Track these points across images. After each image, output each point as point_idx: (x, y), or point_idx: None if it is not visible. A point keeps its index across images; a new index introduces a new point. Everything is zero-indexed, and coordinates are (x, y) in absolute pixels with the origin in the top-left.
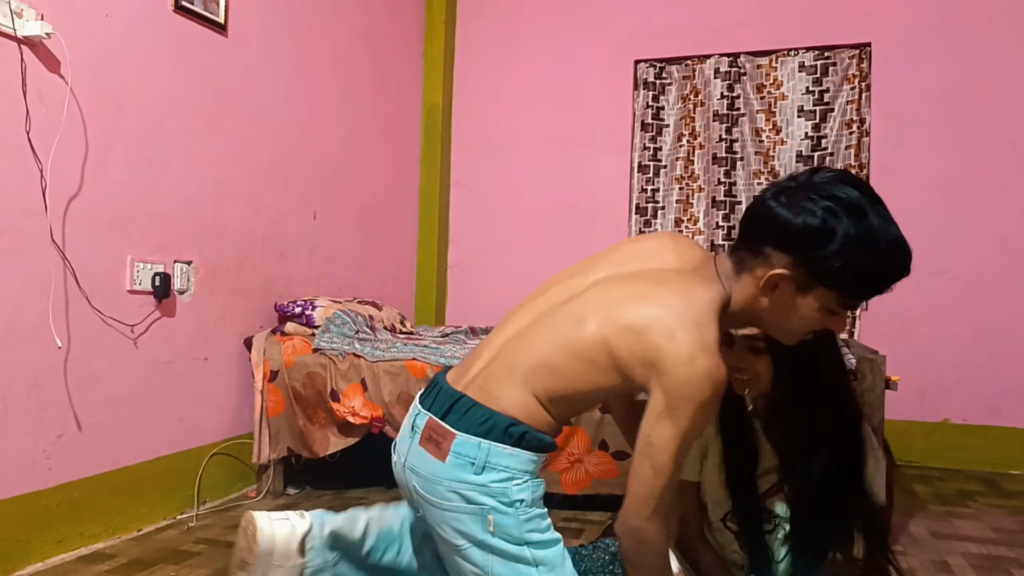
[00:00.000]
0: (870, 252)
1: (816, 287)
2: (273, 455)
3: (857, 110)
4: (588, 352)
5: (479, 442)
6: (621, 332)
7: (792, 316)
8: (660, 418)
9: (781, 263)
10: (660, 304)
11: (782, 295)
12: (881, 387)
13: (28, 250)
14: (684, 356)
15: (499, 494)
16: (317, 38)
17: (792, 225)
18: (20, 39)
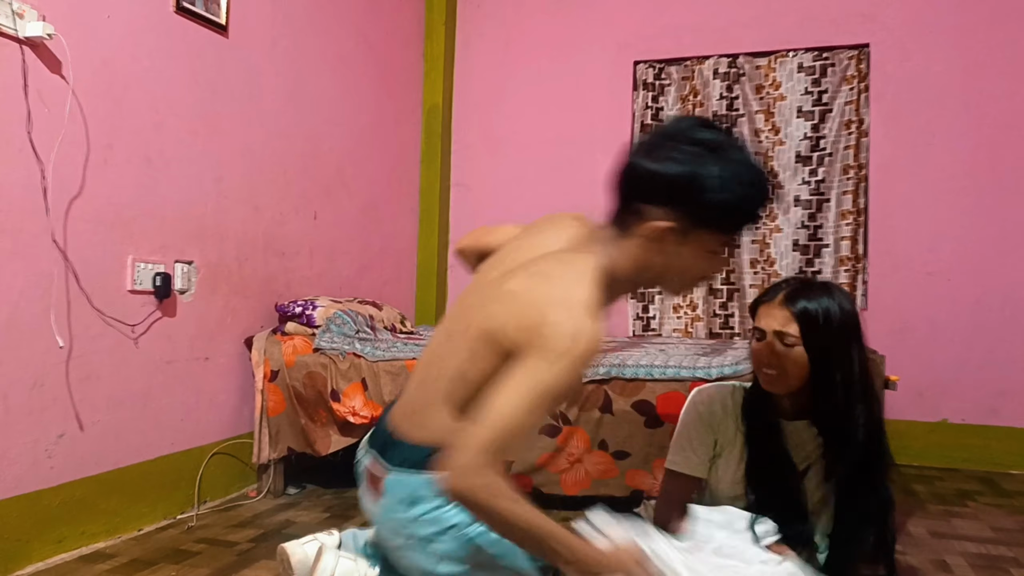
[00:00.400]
0: (738, 188)
1: (696, 232)
2: (273, 455)
3: (856, 111)
4: (486, 350)
5: (406, 477)
6: (505, 320)
7: (681, 265)
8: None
9: (658, 216)
10: (540, 286)
11: (667, 247)
12: (880, 387)
13: (29, 250)
14: (565, 329)
15: (432, 523)
16: (317, 39)
17: (661, 176)
18: (22, 40)
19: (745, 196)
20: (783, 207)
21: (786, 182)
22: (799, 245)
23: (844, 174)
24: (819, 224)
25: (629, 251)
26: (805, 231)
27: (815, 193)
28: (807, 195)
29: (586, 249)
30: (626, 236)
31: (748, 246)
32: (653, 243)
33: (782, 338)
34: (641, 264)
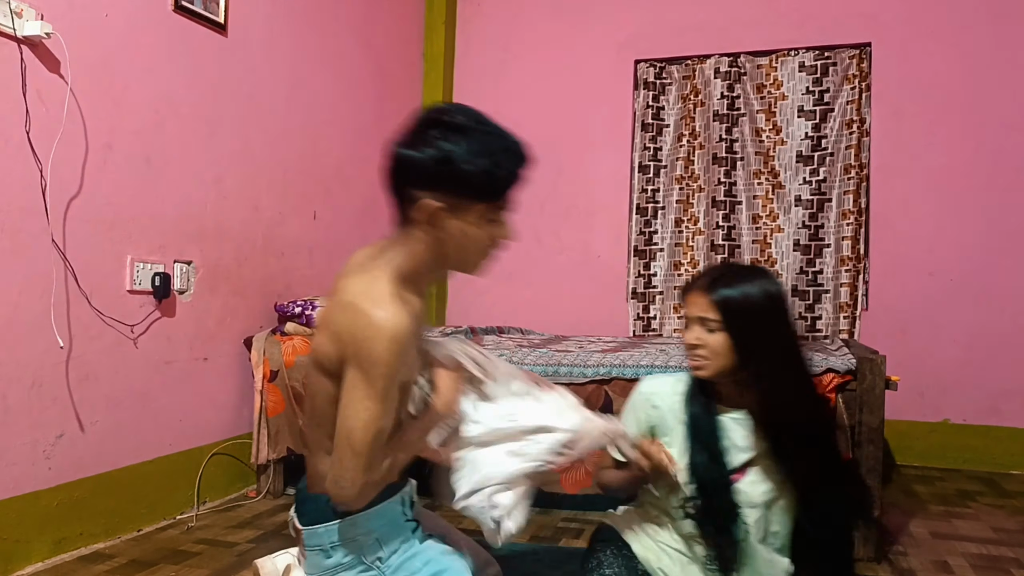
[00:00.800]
0: (489, 156)
1: (465, 205)
2: (273, 455)
3: (857, 110)
4: (322, 379)
5: (316, 529)
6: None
7: (464, 241)
8: (354, 389)
9: (428, 198)
10: (346, 312)
11: (445, 225)
12: (881, 387)
13: (28, 250)
14: (375, 340)
15: (355, 564)
16: (317, 38)
17: (420, 161)
18: (20, 39)
19: (497, 162)
20: (784, 207)
21: (787, 182)
22: (800, 245)
23: (845, 174)
24: (820, 224)
25: (416, 241)
26: (806, 231)
27: (816, 193)
28: (808, 195)
29: (375, 265)
30: (409, 230)
31: (749, 246)
32: (432, 226)
33: (704, 323)
34: (431, 249)
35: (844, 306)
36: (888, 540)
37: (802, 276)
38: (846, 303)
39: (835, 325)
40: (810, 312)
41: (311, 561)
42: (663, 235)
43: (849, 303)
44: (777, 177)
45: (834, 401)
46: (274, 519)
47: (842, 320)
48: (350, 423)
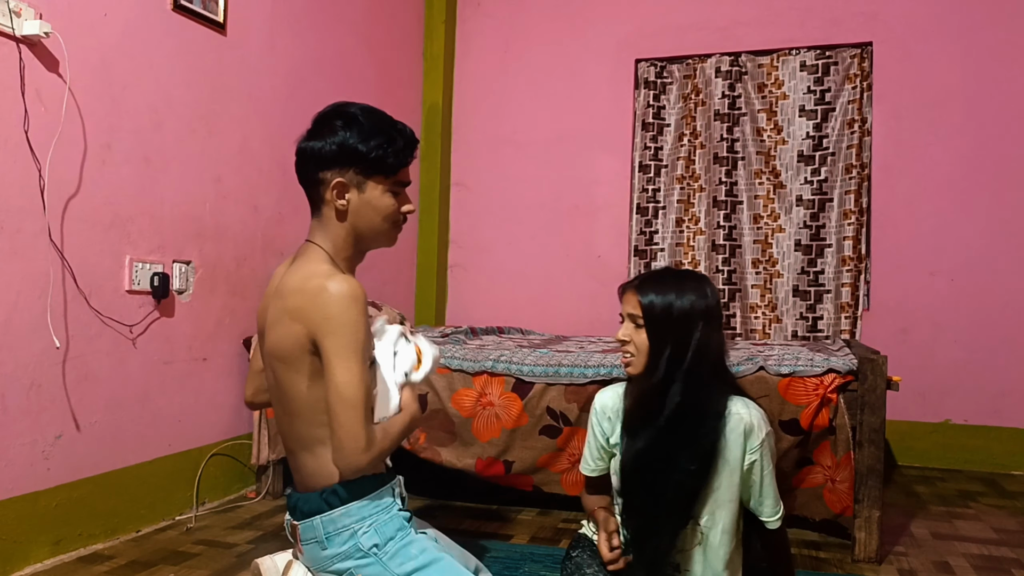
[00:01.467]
0: (379, 135)
1: (366, 180)
2: (272, 456)
3: (858, 109)
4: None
5: (312, 521)
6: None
7: (371, 211)
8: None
9: (334, 177)
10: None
11: (352, 200)
12: (882, 387)
13: (27, 250)
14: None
15: (352, 553)
16: (316, 37)
17: (323, 148)
18: (19, 38)
19: (386, 139)
20: (785, 207)
21: (788, 182)
22: (801, 245)
23: (847, 173)
24: (821, 224)
25: (330, 223)
26: (807, 231)
27: (817, 193)
28: (809, 195)
29: (305, 259)
30: (324, 212)
31: (750, 246)
32: (340, 202)
33: (634, 320)
34: (346, 231)
35: (845, 306)
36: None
37: (803, 276)
38: (847, 303)
39: (836, 325)
40: (811, 312)
41: (309, 555)
42: (664, 235)
43: (850, 303)
44: (778, 177)
45: (835, 401)
46: (273, 520)
47: (843, 320)
48: (340, 385)
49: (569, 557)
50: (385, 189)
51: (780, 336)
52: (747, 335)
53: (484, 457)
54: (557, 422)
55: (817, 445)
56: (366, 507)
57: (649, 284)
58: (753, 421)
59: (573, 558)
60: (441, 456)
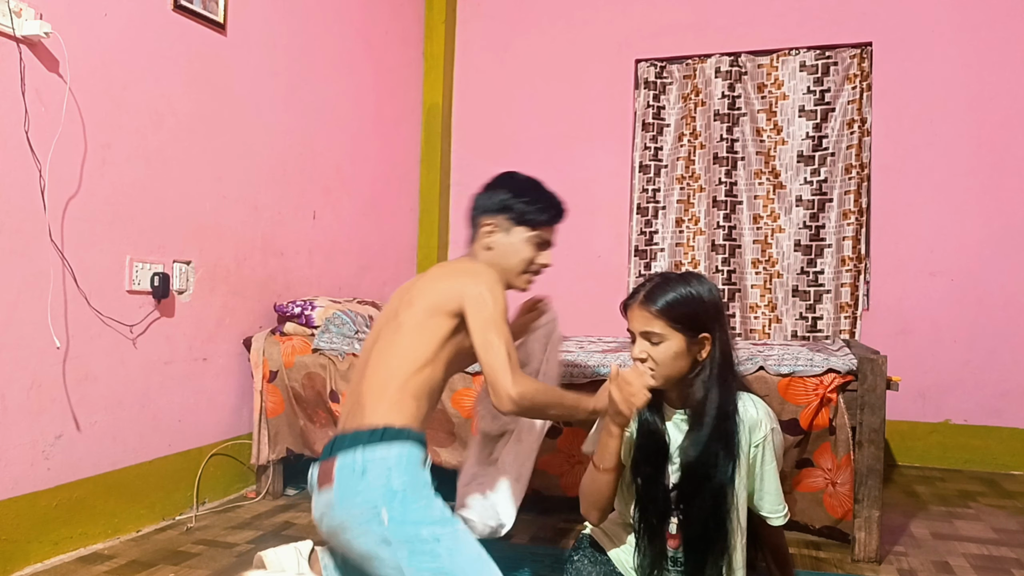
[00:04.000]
0: (533, 197)
1: (514, 227)
2: (272, 456)
3: (858, 110)
4: (436, 320)
5: (353, 454)
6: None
7: (511, 254)
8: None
9: (488, 221)
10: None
11: (497, 240)
12: (882, 387)
13: (27, 250)
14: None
15: (381, 486)
16: (317, 37)
17: (488, 198)
18: (19, 38)
19: (541, 200)
20: (785, 207)
21: (788, 182)
22: (801, 245)
23: (846, 173)
24: (821, 224)
25: (477, 253)
26: (807, 231)
27: (817, 193)
28: (809, 195)
29: (470, 259)
30: (474, 245)
31: (750, 246)
32: (489, 239)
33: (649, 337)
34: (484, 257)
35: (845, 306)
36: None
37: (803, 276)
38: (847, 303)
39: (836, 325)
40: (811, 312)
41: (341, 487)
42: (664, 235)
43: (850, 303)
44: (778, 177)
45: (835, 401)
46: (273, 520)
47: (843, 320)
48: (492, 337)
49: (571, 561)
50: (529, 238)
51: (780, 336)
52: (747, 335)
53: None
54: (557, 423)
55: (817, 446)
56: (405, 454)
57: (657, 291)
58: (758, 416)
59: (575, 562)
60: (441, 457)
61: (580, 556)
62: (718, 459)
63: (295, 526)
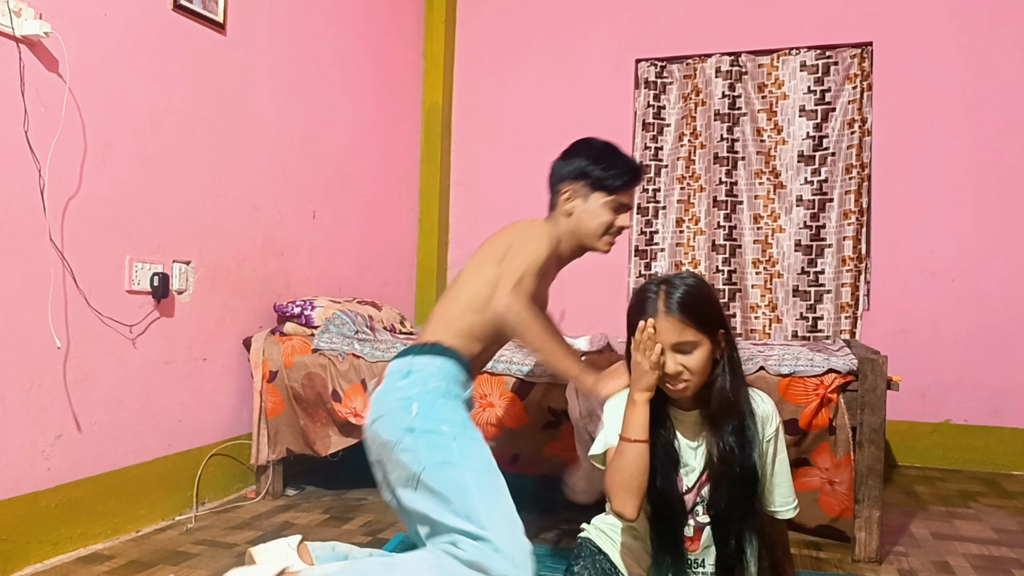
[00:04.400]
0: (610, 162)
1: (592, 193)
2: (272, 456)
3: (859, 109)
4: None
5: (403, 360)
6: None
7: (589, 218)
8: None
9: (567, 186)
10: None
11: (576, 206)
12: (883, 387)
13: (26, 250)
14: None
15: (419, 385)
16: (317, 37)
17: (566, 165)
18: (18, 38)
19: (617, 165)
20: (785, 207)
21: (788, 182)
22: (801, 245)
23: (847, 173)
24: (822, 224)
25: (558, 219)
26: (807, 231)
27: (817, 193)
28: (809, 195)
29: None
30: (555, 211)
31: (750, 246)
32: (568, 205)
33: (682, 348)
34: (565, 224)
35: (845, 306)
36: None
37: (803, 276)
38: (847, 303)
39: (836, 325)
40: (811, 312)
41: (387, 384)
42: (664, 235)
43: (850, 303)
44: (778, 177)
45: (836, 401)
46: (273, 520)
47: (843, 320)
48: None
49: (571, 572)
50: (606, 202)
51: (780, 336)
52: (747, 335)
53: None
54: (559, 422)
55: (816, 446)
56: (447, 367)
57: (679, 297)
58: (768, 409)
59: (575, 573)
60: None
61: (581, 566)
62: (743, 453)
63: (295, 526)
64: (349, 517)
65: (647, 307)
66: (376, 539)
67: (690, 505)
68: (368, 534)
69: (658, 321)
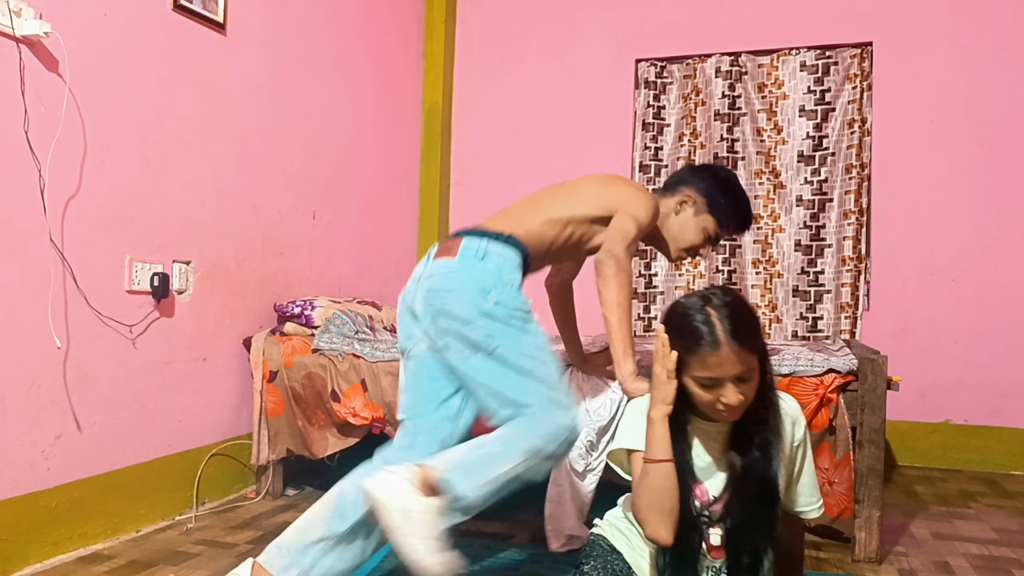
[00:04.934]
0: (737, 206)
1: (704, 214)
2: (272, 456)
3: (859, 109)
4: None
5: (480, 240)
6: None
7: (685, 229)
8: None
9: (691, 194)
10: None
11: (686, 215)
12: (883, 388)
13: (27, 250)
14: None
15: (495, 274)
16: (317, 37)
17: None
18: (19, 38)
19: (740, 212)
20: (785, 207)
21: (788, 182)
22: (801, 245)
23: (847, 173)
24: (821, 224)
25: (664, 206)
26: (807, 231)
27: (817, 193)
28: (809, 195)
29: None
30: (666, 199)
31: (750, 246)
32: (681, 207)
33: (742, 377)
34: (665, 215)
35: (845, 306)
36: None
37: (803, 276)
38: (847, 303)
39: (836, 325)
40: (811, 312)
41: (462, 261)
42: None
43: (850, 303)
44: (778, 177)
45: (835, 401)
46: (273, 520)
47: (843, 320)
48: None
49: (580, 571)
50: (708, 228)
51: (780, 336)
52: None
53: None
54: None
55: (816, 446)
56: (518, 259)
57: (740, 325)
58: (795, 410)
59: (585, 573)
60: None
61: (591, 566)
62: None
63: None
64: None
65: (703, 340)
66: None
67: (718, 515)
68: None
69: (719, 354)
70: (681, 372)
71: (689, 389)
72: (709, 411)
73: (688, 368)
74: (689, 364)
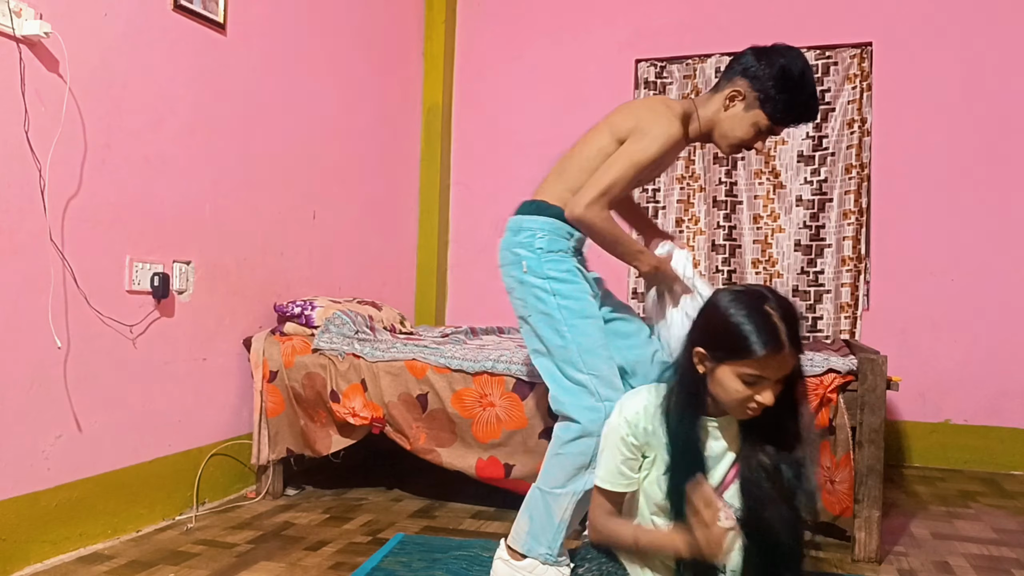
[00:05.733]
0: (796, 96)
1: (756, 108)
2: (272, 456)
3: (858, 110)
4: (607, 139)
5: (517, 217)
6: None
7: (736, 124)
8: (621, 154)
9: (742, 84)
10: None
11: (733, 107)
12: (882, 387)
13: (27, 250)
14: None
15: (527, 245)
16: (317, 37)
17: (760, 66)
18: (19, 38)
19: (795, 103)
20: (785, 207)
21: (788, 182)
22: (801, 245)
23: (847, 173)
24: (821, 224)
25: (711, 103)
26: (807, 231)
27: (817, 193)
28: (809, 195)
29: (678, 101)
30: (714, 94)
31: (750, 246)
32: (730, 102)
33: (784, 379)
34: (712, 113)
35: (845, 306)
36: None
37: (803, 276)
38: (847, 303)
39: (836, 325)
40: (811, 312)
41: (505, 238)
42: None
43: (850, 303)
44: (778, 177)
45: (835, 401)
46: (273, 520)
47: (843, 320)
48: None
49: (575, 575)
50: (759, 123)
51: None
52: None
53: (485, 458)
54: None
55: None
56: (549, 225)
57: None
58: None
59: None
60: (442, 458)
61: (586, 570)
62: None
63: (295, 526)
64: (349, 517)
65: (767, 341)
66: (376, 539)
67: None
68: (368, 534)
69: (779, 356)
70: (717, 363)
71: (723, 382)
72: (734, 407)
73: (735, 364)
74: (739, 361)
